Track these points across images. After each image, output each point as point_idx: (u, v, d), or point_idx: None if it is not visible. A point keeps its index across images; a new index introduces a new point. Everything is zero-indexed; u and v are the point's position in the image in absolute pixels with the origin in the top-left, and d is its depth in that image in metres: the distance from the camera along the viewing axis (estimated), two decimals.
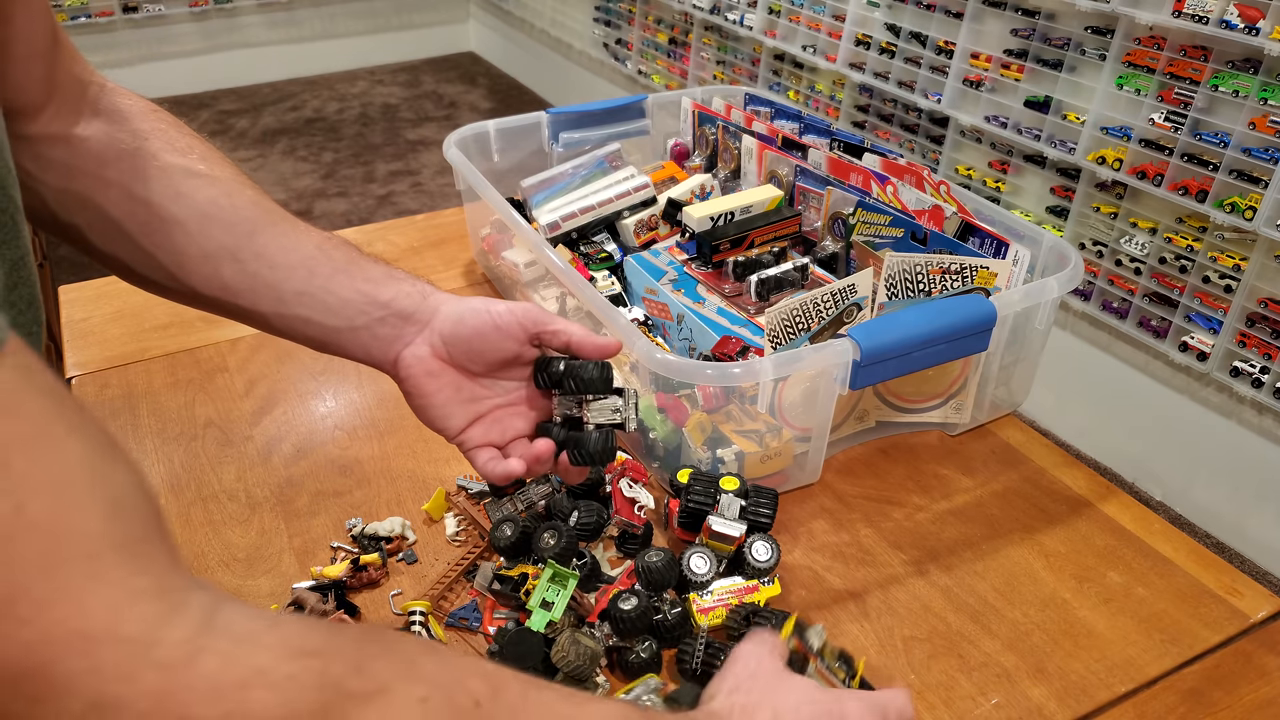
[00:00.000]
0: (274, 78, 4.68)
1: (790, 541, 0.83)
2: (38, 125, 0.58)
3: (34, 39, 0.55)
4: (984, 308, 0.84)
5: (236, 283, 0.62)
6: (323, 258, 0.63)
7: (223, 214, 0.61)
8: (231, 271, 0.61)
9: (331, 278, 0.63)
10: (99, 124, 0.60)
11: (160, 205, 0.60)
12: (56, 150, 0.59)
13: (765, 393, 0.79)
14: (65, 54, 0.59)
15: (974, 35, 2.21)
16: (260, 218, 0.62)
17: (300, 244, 0.63)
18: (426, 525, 0.84)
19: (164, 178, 0.61)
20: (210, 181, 0.62)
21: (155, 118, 0.63)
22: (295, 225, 0.64)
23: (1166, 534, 0.86)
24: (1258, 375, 1.84)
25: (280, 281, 0.62)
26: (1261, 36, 1.64)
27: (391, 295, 0.64)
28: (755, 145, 1.14)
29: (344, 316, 0.63)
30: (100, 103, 0.61)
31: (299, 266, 0.62)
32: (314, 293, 0.62)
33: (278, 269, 0.62)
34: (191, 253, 0.61)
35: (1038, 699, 0.70)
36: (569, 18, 3.95)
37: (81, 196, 0.60)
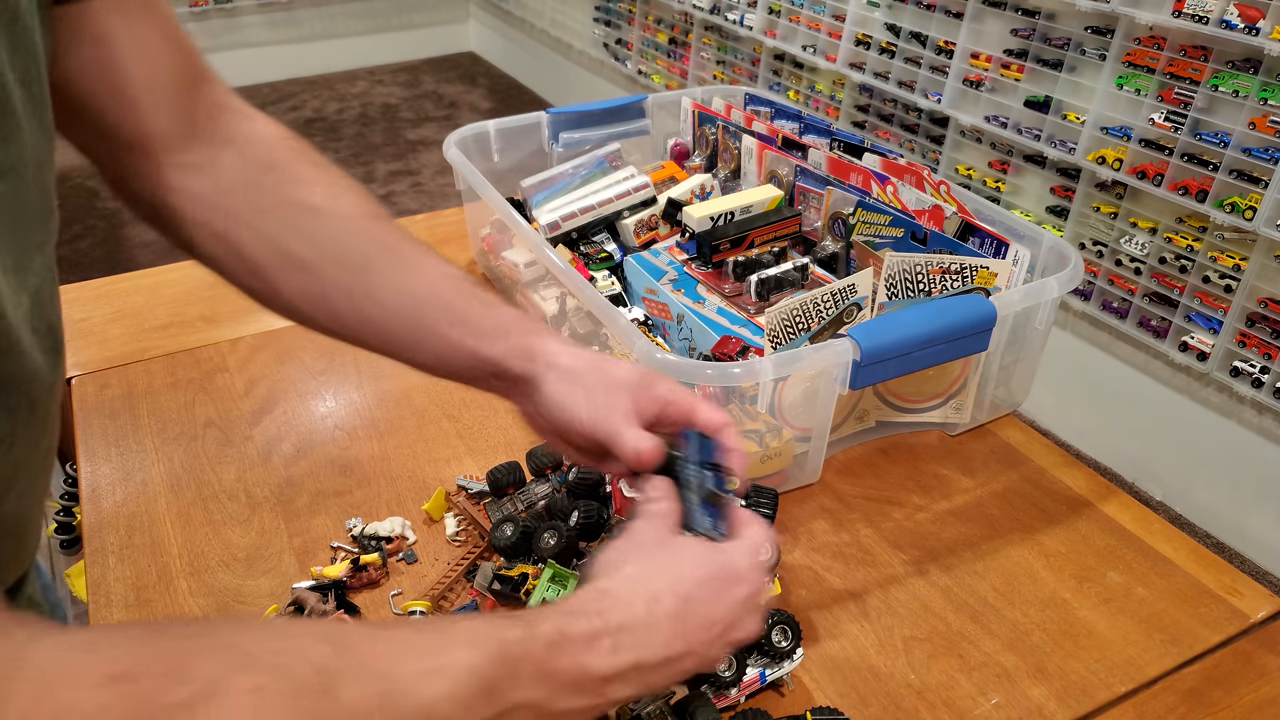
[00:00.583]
0: (274, 78, 4.68)
1: (790, 541, 0.83)
2: (175, 155, 0.59)
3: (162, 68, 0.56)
4: (984, 308, 0.84)
5: (354, 322, 0.62)
6: (434, 304, 0.62)
7: (339, 252, 0.61)
8: (349, 311, 0.62)
9: (437, 327, 0.62)
10: (230, 154, 0.61)
11: (282, 243, 0.61)
12: (194, 182, 0.60)
13: (765, 393, 0.79)
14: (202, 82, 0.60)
15: (974, 35, 2.21)
16: (377, 256, 0.62)
17: (414, 287, 0.62)
18: (426, 525, 0.84)
19: (285, 213, 0.61)
20: (329, 218, 0.62)
21: (283, 146, 0.64)
22: (413, 264, 0.62)
23: (1166, 534, 0.86)
24: (1258, 375, 1.84)
25: (393, 327, 0.62)
26: (1261, 36, 1.64)
27: (500, 354, 0.61)
28: (755, 145, 1.14)
29: (453, 368, 0.63)
30: (233, 129, 0.62)
31: (410, 312, 0.62)
32: (423, 341, 0.62)
33: (388, 313, 0.62)
34: (313, 291, 0.61)
35: (1038, 699, 0.70)
36: (569, 18, 3.95)
37: (215, 230, 0.61)
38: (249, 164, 0.62)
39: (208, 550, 0.81)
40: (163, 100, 0.57)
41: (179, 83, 0.58)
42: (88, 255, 3.16)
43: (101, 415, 0.97)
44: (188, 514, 0.85)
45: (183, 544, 0.81)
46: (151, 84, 0.56)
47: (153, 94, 0.56)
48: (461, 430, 0.95)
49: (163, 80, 0.57)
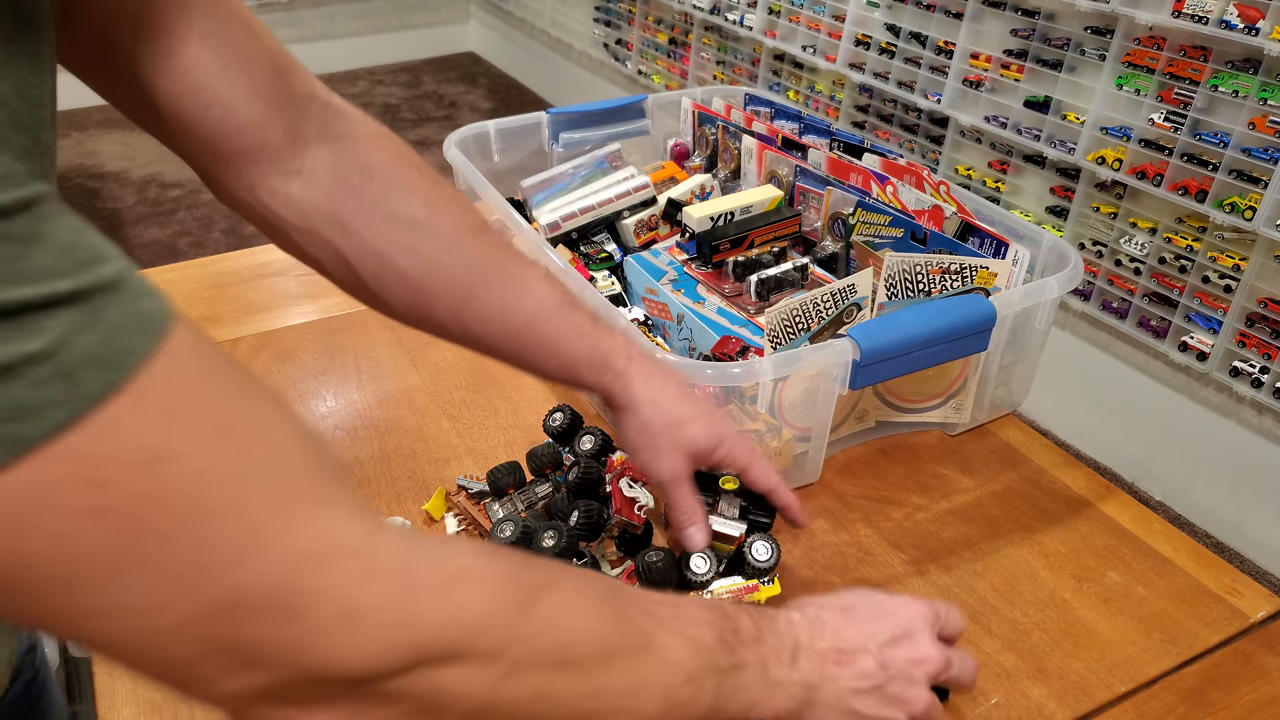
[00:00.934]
0: None
1: (790, 541, 0.83)
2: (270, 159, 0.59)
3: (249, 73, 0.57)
4: (984, 308, 0.84)
5: (459, 336, 0.66)
6: (531, 331, 0.66)
7: (443, 271, 0.64)
8: (454, 327, 0.65)
9: (538, 350, 0.67)
10: (327, 155, 0.61)
11: (388, 257, 0.62)
12: (292, 185, 0.60)
13: (765, 393, 0.79)
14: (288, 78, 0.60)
15: (974, 35, 2.21)
16: (477, 278, 0.64)
17: (515, 311, 0.65)
18: (426, 525, 0.84)
19: (390, 228, 0.62)
20: (432, 235, 0.63)
21: (378, 146, 0.64)
22: (513, 285, 0.66)
23: (1166, 534, 0.86)
24: (1257, 375, 1.84)
25: (496, 343, 0.66)
26: (1261, 36, 1.65)
27: (593, 381, 0.68)
28: (755, 145, 1.14)
29: (556, 380, 0.70)
30: (327, 127, 0.62)
31: (511, 336, 0.66)
32: (525, 359, 0.67)
33: (492, 333, 0.66)
34: (416, 304, 0.64)
35: (1037, 699, 0.70)
36: (569, 18, 3.95)
37: (320, 236, 0.62)
38: (349, 168, 0.62)
39: None
40: (258, 107, 0.57)
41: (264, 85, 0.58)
42: None
43: None
44: None
45: None
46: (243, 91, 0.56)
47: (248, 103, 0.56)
48: (461, 430, 0.95)
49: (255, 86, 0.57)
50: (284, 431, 0.37)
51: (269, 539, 0.34)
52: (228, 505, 0.33)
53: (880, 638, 0.56)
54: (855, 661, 0.55)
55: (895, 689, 0.55)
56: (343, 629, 0.35)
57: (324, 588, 0.35)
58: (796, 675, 0.53)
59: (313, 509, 0.36)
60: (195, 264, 1.24)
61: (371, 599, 0.36)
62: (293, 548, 0.35)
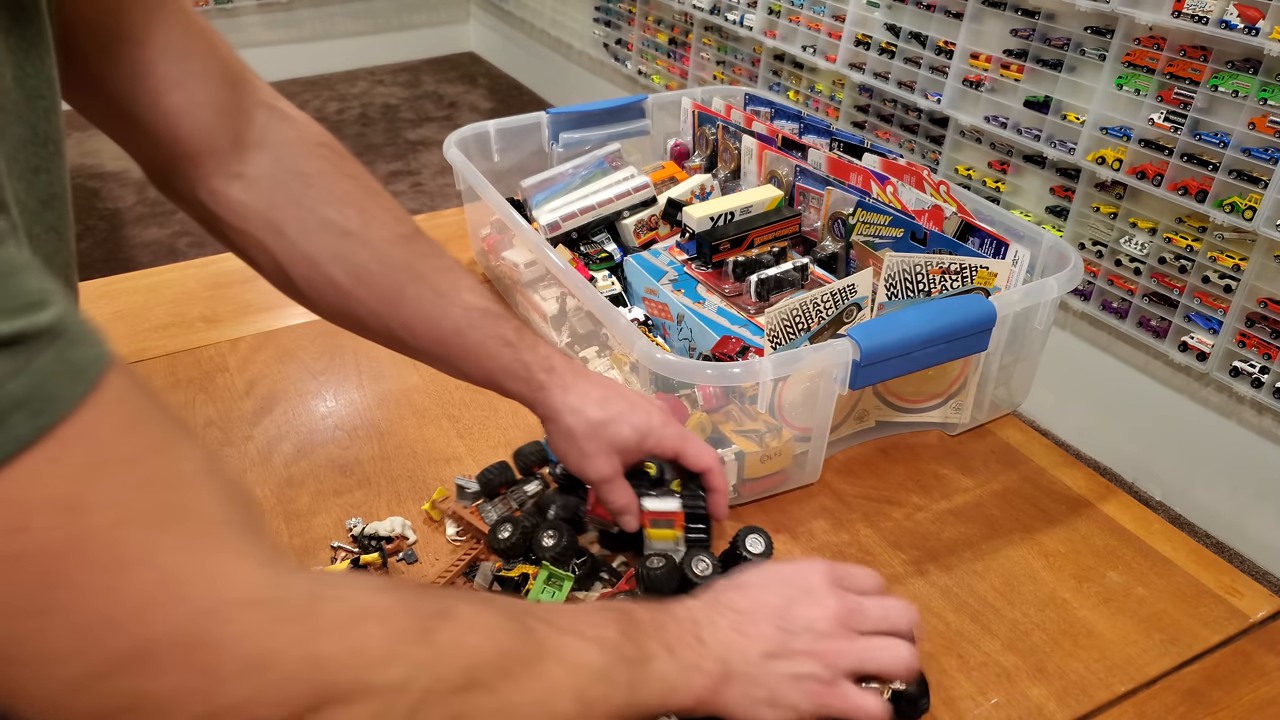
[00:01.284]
0: (274, 78, 4.68)
1: (790, 541, 0.83)
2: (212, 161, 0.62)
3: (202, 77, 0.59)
4: (984, 308, 0.84)
5: (385, 339, 0.69)
6: (457, 342, 0.67)
7: (372, 280, 0.65)
8: (381, 332, 0.68)
9: (462, 359, 0.68)
10: (267, 160, 0.63)
11: (320, 263, 0.64)
12: (231, 188, 0.62)
13: (765, 393, 0.79)
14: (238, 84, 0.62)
15: (974, 35, 2.21)
16: (406, 288, 0.66)
17: (440, 322, 0.67)
18: (427, 525, 0.84)
19: (323, 235, 0.64)
20: (364, 244, 0.65)
21: (318, 154, 0.66)
22: (440, 296, 0.67)
23: (1166, 534, 0.86)
24: (1257, 375, 1.84)
25: (421, 349, 0.69)
26: (1261, 36, 1.65)
27: (515, 391, 0.70)
28: (755, 145, 1.14)
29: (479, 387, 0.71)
30: (269, 133, 0.64)
31: (437, 345, 0.68)
32: (451, 366, 0.70)
33: (419, 341, 0.68)
34: (345, 311, 0.67)
35: (1037, 699, 0.70)
36: (569, 18, 3.95)
37: (255, 239, 0.64)
38: (288, 174, 0.64)
39: None
40: (208, 115, 0.59)
41: (225, 100, 0.60)
42: (88, 255, 3.16)
43: None
44: None
45: None
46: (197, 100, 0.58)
47: (199, 111, 0.59)
48: (461, 430, 0.95)
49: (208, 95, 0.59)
50: (204, 484, 0.38)
51: (178, 591, 0.35)
52: (140, 556, 0.34)
53: (776, 602, 0.58)
54: (755, 627, 0.57)
55: (802, 644, 0.57)
56: (250, 678, 0.36)
57: (231, 638, 0.36)
58: (706, 653, 0.54)
59: (224, 559, 0.37)
60: (195, 264, 1.24)
61: (277, 645, 0.37)
62: (201, 599, 0.35)
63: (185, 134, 0.59)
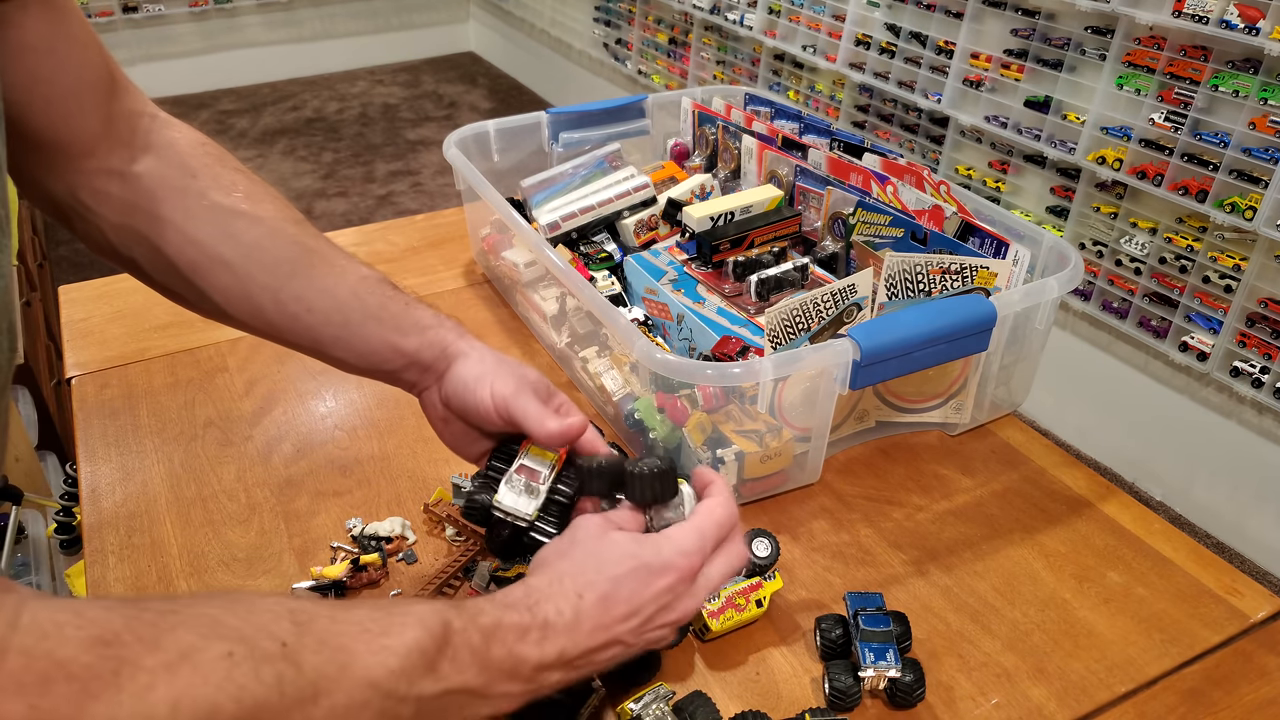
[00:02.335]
0: (274, 78, 4.68)
1: (790, 541, 0.83)
2: (93, 160, 0.61)
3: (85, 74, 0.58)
4: (984, 308, 0.84)
5: (279, 322, 0.66)
6: (355, 304, 0.66)
7: (265, 256, 0.64)
8: (274, 312, 0.65)
9: (363, 325, 0.66)
10: (150, 159, 0.63)
11: (208, 246, 0.63)
12: (112, 185, 0.62)
13: (765, 393, 0.79)
14: (120, 89, 0.62)
15: (974, 35, 2.21)
16: (300, 259, 0.65)
17: (336, 288, 0.66)
18: (426, 525, 0.84)
19: (211, 218, 0.63)
20: (254, 222, 0.64)
21: (202, 152, 0.66)
22: (332, 266, 0.66)
23: (1166, 534, 0.86)
24: (1258, 375, 1.84)
25: (316, 325, 0.66)
26: (1261, 36, 1.64)
27: (416, 347, 0.67)
28: (755, 145, 1.14)
29: (373, 363, 0.68)
30: (152, 136, 0.64)
31: (333, 313, 0.65)
32: (347, 339, 0.66)
33: (314, 313, 0.65)
34: (237, 292, 0.64)
35: (1038, 699, 0.70)
36: (569, 18, 3.95)
37: (137, 232, 0.63)
38: (172, 169, 0.63)
39: (208, 550, 0.81)
40: (81, 106, 0.59)
41: (97, 89, 0.60)
42: (87, 255, 3.16)
43: (101, 415, 0.97)
44: (188, 514, 0.85)
45: (182, 544, 0.81)
46: (71, 90, 0.57)
47: (72, 100, 0.58)
48: None
49: (81, 86, 0.58)
50: None
51: None
52: None
53: (635, 623, 0.55)
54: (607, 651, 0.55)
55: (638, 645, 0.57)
56: None
57: None
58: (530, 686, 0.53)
59: None
60: None
61: None
62: None
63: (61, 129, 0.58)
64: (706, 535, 0.58)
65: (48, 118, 0.57)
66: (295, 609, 0.45)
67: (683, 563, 0.57)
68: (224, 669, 0.40)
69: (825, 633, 0.71)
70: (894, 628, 0.70)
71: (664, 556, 0.56)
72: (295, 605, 0.46)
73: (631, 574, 0.56)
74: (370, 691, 0.45)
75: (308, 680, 0.43)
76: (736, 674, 0.71)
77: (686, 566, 0.57)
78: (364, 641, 0.46)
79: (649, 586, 0.56)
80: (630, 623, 0.55)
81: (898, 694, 0.68)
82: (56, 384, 1.94)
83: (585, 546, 0.57)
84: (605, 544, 0.57)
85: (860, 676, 0.68)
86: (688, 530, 0.58)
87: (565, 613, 0.54)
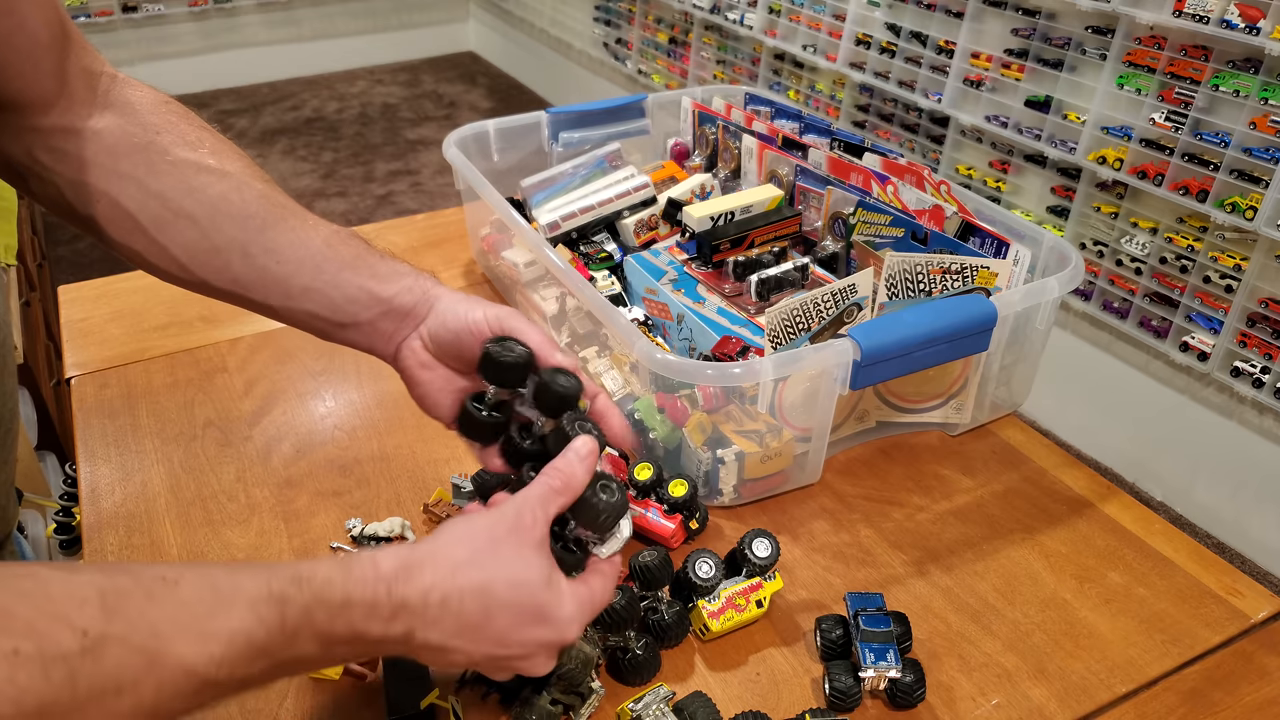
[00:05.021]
0: (273, 77, 4.68)
1: (790, 541, 0.83)
2: (50, 118, 0.60)
3: (40, 31, 0.56)
4: (984, 308, 0.84)
5: (246, 276, 0.64)
6: (330, 253, 0.64)
7: (233, 209, 0.63)
8: (241, 265, 0.63)
9: (338, 274, 0.64)
10: (110, 116, 0.62)
11: (172, 200, 0.62)
12: (70, 143, 0.60)
13: (765, 393, 0.79)
14: (75, 46, 0.60)
15: (974, 35, 2.21)
16: (269, 212, 0.64)
17: (308, 239, 0.64)
18: (426, 525, 0.84)
19: (176, 172, 0.62)
20: (220, 176, 0.63)
21: (165, 109, 0.64)
22: (304, 219, 0.65)
23: (1167, 534, 0.85)
24: (1258, 375, 1.84)
25: (288, 276, 0.64)
26: (1262, 36, 1.64)
27: (394, 292, 0.65)
28: (755, 145, 1.14)
29: (348, 313, 0.65)
30: (111, 94, 0.62)
31: (306, 262, 0.64)
32: (320, 288, 0.64)
33: (286, 264, 0.63)
34: (203, 247, 0.63)
35: (1038, 699, 0.70)
36: (569, 17, 3.95)
37: (96, 189, 0.61)
38: (135, 126, 0.62)
39: (207, 550, 0.81)
40: (38, 64, 0.57)
41: (53, 48, 0.58)
42: (87, 255, 3.16)
43: (101, 415, 0.97)
44: (187, 514, 0.85)
45: (182, 544, 0.81)
46: (27, 49, 0.56)
47: (27, 59, 0.56)
48: None
49: (37, 45, 0.57)
50: None
51: None
52: None
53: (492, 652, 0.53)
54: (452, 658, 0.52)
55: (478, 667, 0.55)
56: None
57: None
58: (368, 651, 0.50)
59: None
60: None
61: None
62: None
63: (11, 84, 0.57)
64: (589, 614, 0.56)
65: (4, 78, 0.56)
66: (107, 589, 0.41)
67: (566, 630, 0.54)
68: (4, 671, 0.36)
69: (825, 633, 0.71)
70: (894, 628, 0.70)
71: (561, 613, 0.53)
72: (109, 584, 0.41)
73: (519, 609, 0.52)
74: (186, 680, 0.42)
75: (107, 674, 0.39)
76: (736, 674, 0.71)
77: (567, 635, 0.54)
78: (182, 626, 0.42)
79: (527, 631, 0.53)
80: (488, 649, 0.52)
81: (898, 694, 0.68)
82: (56, 384, 1.94)
83: (495, 548, 0.52)
84: (516, 557, 0.53)
85: (861, 677, 0.68)
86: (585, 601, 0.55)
87: (431, 601, 0.50)
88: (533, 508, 0.54)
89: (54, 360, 2.05)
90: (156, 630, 0.41)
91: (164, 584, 0.43)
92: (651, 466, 0.82)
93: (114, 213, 0.62)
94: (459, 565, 0.51)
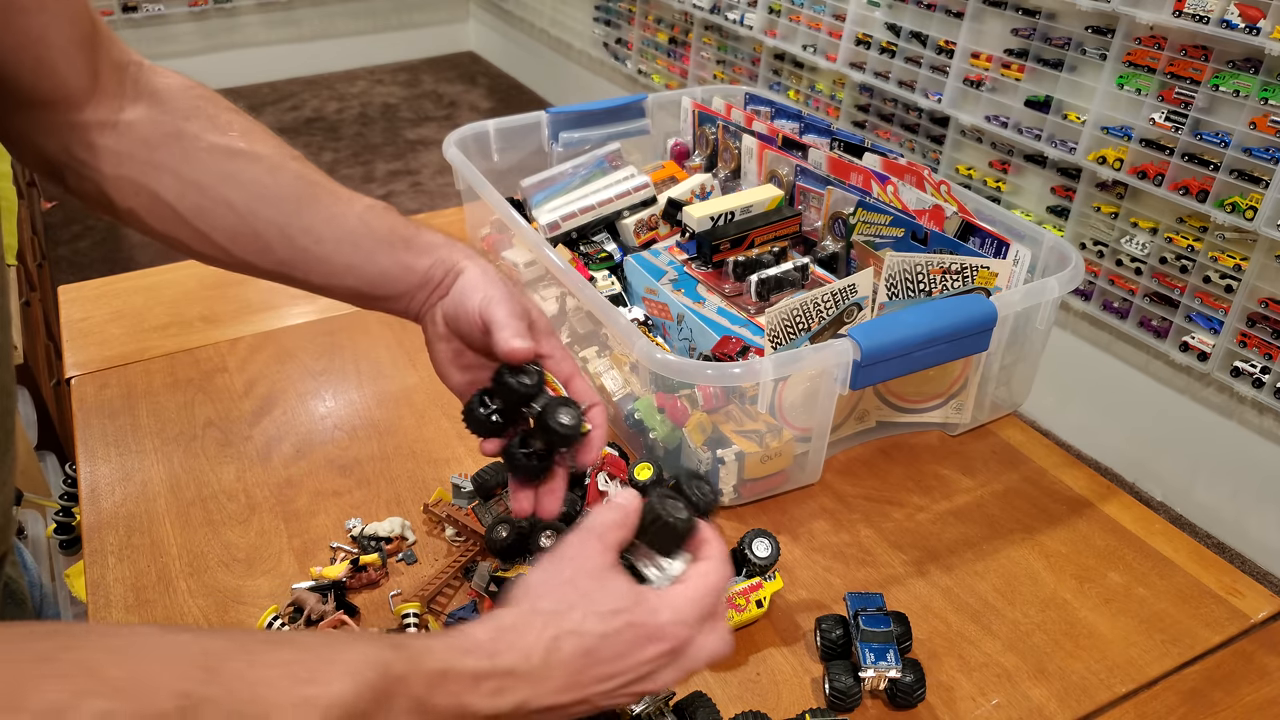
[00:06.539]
0: (274, 78, 4.68)
1: (790, 541, 0.83)
2: (84, 114, 0.60)
3: (71, 28, 0.57)
4: (984, 308, 0.84)
5: (289, 257, 0.65)
6: (365, 231, 0.65)
7: (269, 192, 0.64)
8: (283, 247, 0.64)
9: (375, 250, 0.65)
10: (142, 107, 0.62)
11: (209, 187, 0.62)
12: (106, 137, 0.61)
13: (765, 393, 0.79)
14: (104, 40, 0.61)
15: (974, 35, 2.21)
16: (305, 192, 0.64)
17: (345, 216, 0.65)
18: (426, 525, 0.84)
19: (210, 159, 0.63)
20: (254, 159, 0.64)
21: (194, 94, 0.65)
22: (338, 196, 0.66)
23: (1167, 534, 0.85)
24: (1258, 375, 1.84)
25: (329, 255, 0.65)
26: (1262, 36, 1.64)
27: (428, 264, 0.66)
28: (755, 145, 1.14)
29: (386, 286, 0.66)
30: (141, 84, 0.63)
31: (345, 240, 0.65)
32: (360, 265, 0.65)
33: (325, 243, 0.64)
34: (243, 232, 0.64)
35: (1038, 699, 0.70)
36: (569, 17, 3.95)
37: (135, 182, 0.62)
38: (168, 115, 0.63)
39: (207, 550, 0.81)
40: (72, 62, 0.58)
41: (85, 43, 0.59)
42: (87, 255, 3.16)
43: (101, 415, 0.97)
44: (187, 514, 0.85)
45: (182, 544, 0.81)
46: (61, 47, 0.57)
47: (62, 57, 0.57)
48: (461, 430, 0.94)
49: (71, 42, 0.57)
50: None
51: None
52: None
53: (610, 685, 0.50)
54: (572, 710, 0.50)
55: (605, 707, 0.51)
56: None
57: None
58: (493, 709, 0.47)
59: None
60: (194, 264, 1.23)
61: None
62: None
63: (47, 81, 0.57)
64: (704, 604, 0.53)
65: (38, 76, 0.56)
66: (210, 650, 0.40)
67: (678, 633, 0.51)
68: None
69: (825, 633, 0.71)
70: (894, 628, 0.70)
71: (660, 621, 0.51)
72: (211, 645, 0.40)
73: (621, 633, 0.50)
74: None
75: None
76: (736, 674, 0.71)
77: (681, 638, 0.51)
78: (283, 691, 0.40)
79: (637, 652, 0.50)
80: (605, 685, 0.50)
81: (898, 694, 0.68)
82: (56, 384, 1.94)
83: (576, 583, 0.51)
84: (600, 586, 0.51)
85: (860, 677, 0.68)
86: (688, 598, 0.52)
87: (534, 660, 0.47)
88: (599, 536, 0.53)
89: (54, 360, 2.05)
90: (257, 695, 0.40)
91: (265, 644, 0.42)
92: (651, 466, 0.81)
93: (154, 205, 0.63)
94: (548, 617, 0.49)
